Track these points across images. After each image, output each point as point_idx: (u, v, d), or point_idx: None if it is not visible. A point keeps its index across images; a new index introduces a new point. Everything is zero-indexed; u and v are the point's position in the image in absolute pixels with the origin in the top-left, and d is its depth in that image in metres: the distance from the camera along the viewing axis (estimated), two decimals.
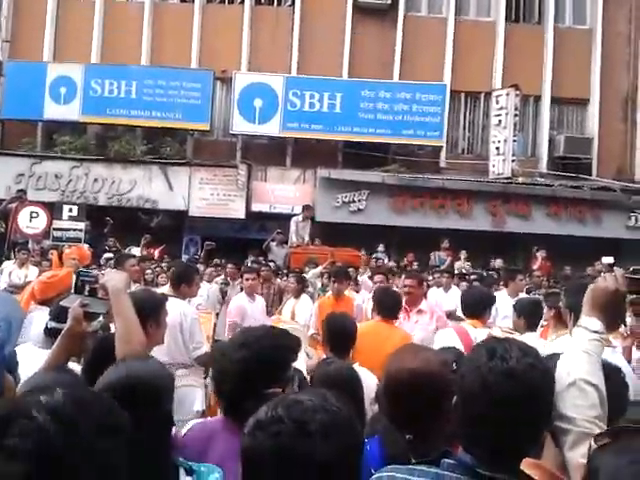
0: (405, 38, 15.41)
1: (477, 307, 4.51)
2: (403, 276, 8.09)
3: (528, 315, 4.44)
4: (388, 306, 4.57)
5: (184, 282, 4.68)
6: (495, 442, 1.42)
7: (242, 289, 7.20)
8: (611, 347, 3.30)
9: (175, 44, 15.57)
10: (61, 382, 1.88)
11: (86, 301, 2.16)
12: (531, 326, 4.36)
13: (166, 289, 5.17)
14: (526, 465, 1.36)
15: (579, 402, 1.61)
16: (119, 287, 2.10)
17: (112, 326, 3.33)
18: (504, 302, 6.33)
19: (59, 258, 8.61)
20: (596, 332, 1.77)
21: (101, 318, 2.84)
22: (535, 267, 11.51)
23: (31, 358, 2.42)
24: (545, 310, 4.49)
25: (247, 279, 6.69)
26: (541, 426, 1.50)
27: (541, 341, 3.78)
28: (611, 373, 1.84)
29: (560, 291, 4.13)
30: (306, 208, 12.73)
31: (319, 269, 9.21)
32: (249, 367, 1.86)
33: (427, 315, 5.45)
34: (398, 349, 2.08)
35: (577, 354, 1.72)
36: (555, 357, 1.79)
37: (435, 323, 5.35)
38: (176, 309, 3.99)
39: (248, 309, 6.39)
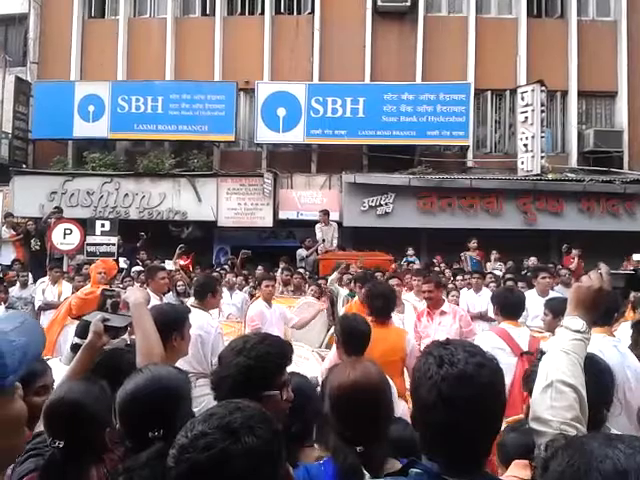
0: (426, 39, 15.36)
1: (515, 309, 4.46)
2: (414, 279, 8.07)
3: (561, 315, 4.35)
4: (378, 307, 4.54)
5: (209, 292, 4.72)
6: (457, 447, 1.41)
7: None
8: (613, 340, 3.24)
9: (198, 58, 15.80)
10: (89, 391, 1.94)
11: (107, 316, 2.23)
12: None
13: (191, 300, 5.24)
14: (517, 467, 1.35)
15: (556, 404, 1.61)
16: (140, 302, 2.18)
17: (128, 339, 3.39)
18: (534, 302, 6.23)
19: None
20: (578, 331, 1.77)
21: (126, 336, 2.90)
22: (572, 267, 11.17)
23: (56, 374, 2.46)
24: None
25: (267, 286, 6.69)
26: (499, 422, 1.49)
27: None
28: (591, 365, 1.83)
29: None
30: (322, 213, 12.76)
31: (335, 275, 9.22)
32: (245, 372, 1.93)
33: (450, 316, 5.43)
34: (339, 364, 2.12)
35: (556, 355, 1.71)
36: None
37: (458, 323, 5.32)
38: (199, 321, 4.03)
39: (267, 315, 6.40)
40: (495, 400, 1.46)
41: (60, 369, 2.54)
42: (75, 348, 2.46)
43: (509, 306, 4.43)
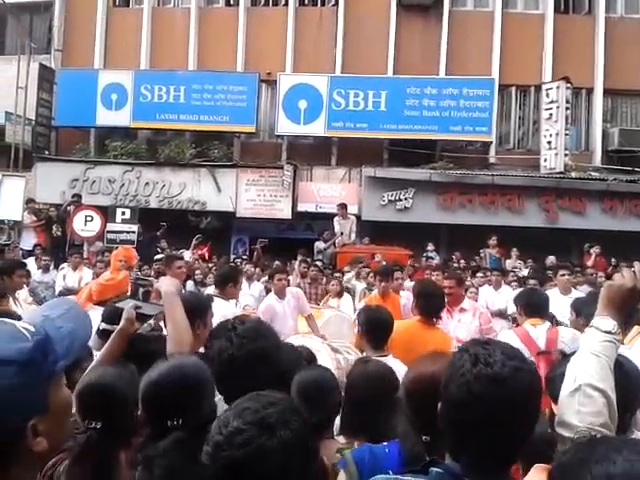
0: (451, 33, 15.20)
1: (539, 308, 4.41)
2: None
3: (588, 314, 4.29)
4: (429, 306, 4.42)
5: (231, 282, 4.72)
6: (482, 449, 1.38)
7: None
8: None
9: (221, 48, 15.80)
10: (122, 376, 1.94)
11: (139, 304, 2.28)
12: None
13: (212, 290, 5.23)
14: (537, 470, 1.32)
15: (583, 409, 1.55)
16: (172, 291, 2.23)
17: (162, 327, 3.41)
18: (556, 300, 6.14)
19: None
20: (608, 332, 1.70)
21: (151, 321, 2.98)
22: (589, 264, 11.13)
23: None
24: None
25: (279, 279, 6.63)
26: (529, 430, 1.44)
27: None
28: (616, 368, 1.75)
29: None
30: (340, 207, 12.72)
31: (352, 273, 9.17)
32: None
33: (470, 313, 5.38)
34: (422, 355, 2.07)
35: (585, 357, 1.65)
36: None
37: (478, 320, 5.28)
38: (219, 311, 4.03)
39: (278, 309, 6.37)
40: (528, 405, 1.41)
41: None
42: (102, 333, 2.48)
43: (532, 305, 4.37)
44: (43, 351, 0.96)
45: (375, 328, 3.63)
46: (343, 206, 12.79)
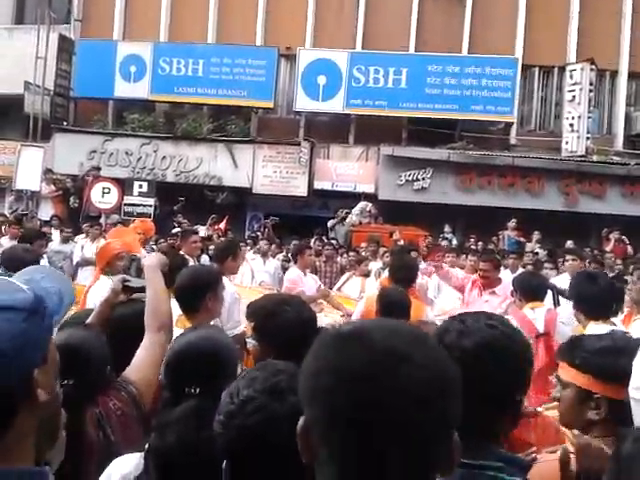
0: (475, 11, 14.90)
1: (540, 290, 4.40)
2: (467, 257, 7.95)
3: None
4: (401, 276, 4.56)
5: (230, 255, 4.68)
6: (463, 420, 1.33)
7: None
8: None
9: (241, 21, 15.63)
10: (86, 337, 1.99)
11: (127, 278, 2.48)
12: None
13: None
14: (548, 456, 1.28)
15: None
16: (153, 264, 2.38)
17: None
18: (564, 285, 6.08)
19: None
20: None
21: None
22: (608, 249, 11.00)
23: None
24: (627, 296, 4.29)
25: (309, 255, 6.66)
26: (510, 395, 1.37)
27: (622, 328, 3.59)
28: None
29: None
30: (375, 206, 12.75)
31: (379, 264, 9.00)
32: None
33: (499, 299, 5.37)
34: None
35: None
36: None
37: (505, 308, 5.26)
38: None
39: (304, 282, 6.39)
40: (505, 365, 1.35)
41: None
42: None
43: (531, 290, 4.37)
44: (41, 302, 1.00)
45: (390, 309, 3.61)
46: (376, 208, 12.85)
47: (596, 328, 3.81)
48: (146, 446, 1.56)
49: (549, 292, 5.36)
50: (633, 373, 1.50)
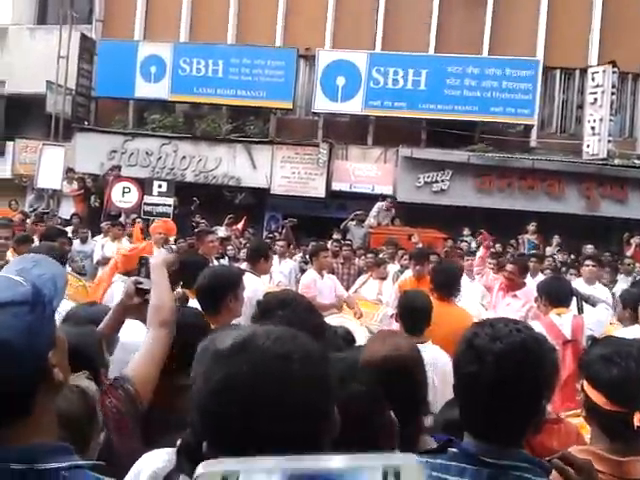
0: (495, 11, 14.79)
1: (563, 297, 4.34)
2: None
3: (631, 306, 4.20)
4: (442, 284, 4.47)
5: (263, 257, 4.73)
6: (490, 421, 1.38)
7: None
8: None
9: (260, 22, 15.67)
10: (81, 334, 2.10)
11: (140, 279, 2.43)
12: (637, 318, 4.11)
13: (244, 265, 5.25)
14: (576, 451, 1.30)
15: None
16: (158, 263, 2.37)
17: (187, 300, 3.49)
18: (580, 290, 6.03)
19: (141, 231, 8.98)
20: None
21: (179, 289, 3.26)
22: (629, 254, 10.87)
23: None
24: None
25: (325, 257, 6.65)
26: (538, 399, 1.41)
27: None
28: None
29: None
30: (389, 202, 12.70)
31: (397, 267, 8.92)
32: None
33: (521, 302, 5.35)
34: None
35: None
36: None
37: (525, 312, 5.22)
38: (250, 286, 4.03)
39: (318, 285, 6.38)
40: (533, 370, 1.39)
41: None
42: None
43: (556, 295, 4.30)
44: (40, 292, 1.05)
45: (411, 314, 3.56)
46: (393, 202, 12.79)
47: (626, 332, 3.78)
48: (178, 442, 1.56)
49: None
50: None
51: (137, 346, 2.16)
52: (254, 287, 4.23)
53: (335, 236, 10.96)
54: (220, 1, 15.87)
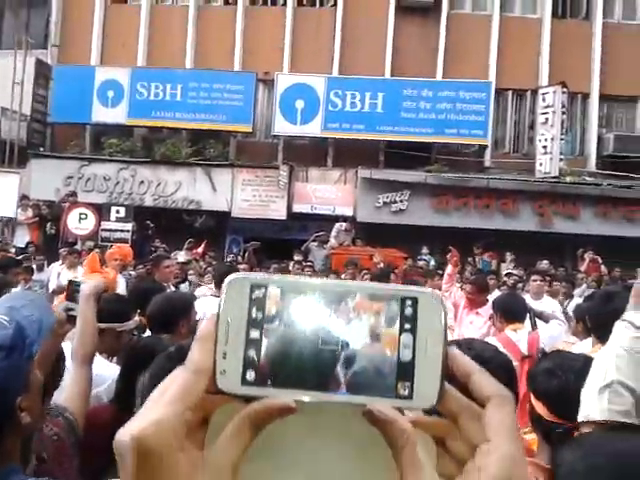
0: (449, 36, 15.22)
1: (520, 311, 4.43)
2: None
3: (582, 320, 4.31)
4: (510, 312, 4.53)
5: None
6: None
7: None
8: None
9: (219, 47, 15.76)
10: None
11: (71, 306, 2.40)
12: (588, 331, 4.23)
13: (205, 289, 5.24)
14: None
15: (612, 407, 1.51)
16: (87, 293, 2.36)
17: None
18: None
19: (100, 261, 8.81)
20: None
21: (137, 318, 3.16)
22: (582, 269, 11.19)
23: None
24: None
25: None
26: None
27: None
28: None
29: None
30: (349, 223, 12.83)
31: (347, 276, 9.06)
32: None
33: (483, 319, 5.46)
34: None
35: (617, 352, 1.58)
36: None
37: (487, 329, 5.33)
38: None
39: None
40: (511, 386, 1.42)
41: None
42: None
43: (511, 311, 4.39)
44: (21, 336, 1.05)
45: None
46: (352, 223, 12.92)
47: (582, 345, 3.89)
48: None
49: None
50: (582, 405, 1.55)
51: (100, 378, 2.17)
52: None
53: (296, 257, 10.98)
54: (178, 26, 15.92)
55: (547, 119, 14.42)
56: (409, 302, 0.46)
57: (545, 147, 14.36)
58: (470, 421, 0.45)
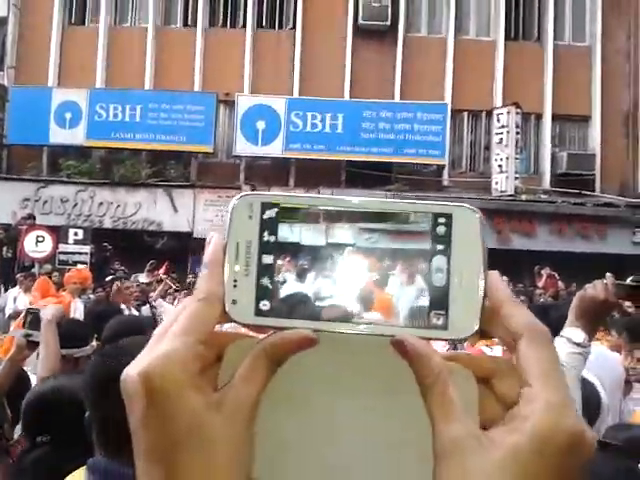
0: (405, 58, 15.55)
1: None
2: None
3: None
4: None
5: None
6: None
7: None
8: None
9: (178, 68, 15.77)
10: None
11: (29, 332, 2.45)
12: None
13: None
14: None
15: None
16: (48, 319, 2.43)
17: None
18: None
19: (53, 284, 8.64)
20: (579, 345, 1.69)
21: (94, 343, 3.22)
22: (540, 285, 11.46)
23: None
24: None
25: None
26: None
27: None
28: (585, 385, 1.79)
29: None
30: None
31: None
32: None
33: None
34: None
35: None
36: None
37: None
38: None
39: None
40: None
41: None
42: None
43: None
44: None
45: None
46: None
47: None
48: None
49: None
50: None
51: None
52: None
53: None
54: (137, 47, 15.87)
55: (502, 139, 14.80)
56: (442, 219, 0.41)
57: (500, 166, 14.72)
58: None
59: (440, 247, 0.40)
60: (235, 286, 0.40)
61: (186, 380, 0.38)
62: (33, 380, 2.56)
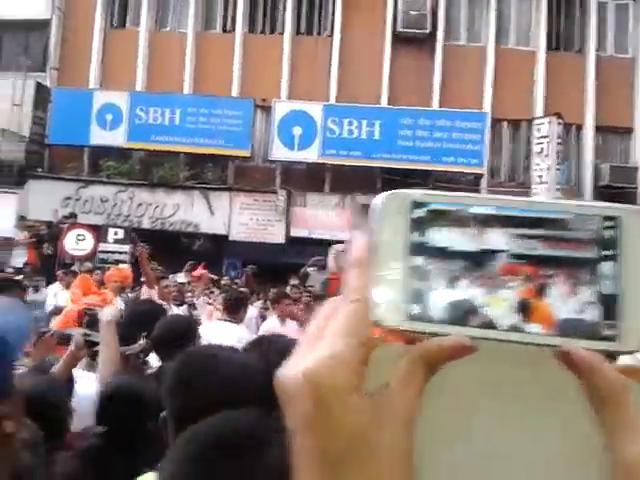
0: (444, 66, 15.48)
1: None
2: None
3: None
4: None
5: (243, 306, 4.82)
6: None
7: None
8: None
9: (217, 73, 15.93)
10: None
11: (88, 332, 2.58)
12: None
13: (218, 314, 5.25)
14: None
15: None
16: (107, 320, 2.50)
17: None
18: None
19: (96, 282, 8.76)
20: None
21: (142, 341, 3.21)
22: None
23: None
24: None
25: (287, 304, 6.71)
26: None
27: None
28: None
29: None
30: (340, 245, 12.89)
31: None
32: None
33: None
34: None
35: None
36: None
37: None
38: (238, 333, 4.07)
39: (281, 332, 6.39)
40: None
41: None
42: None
43: None
44: (3, 342, 1.05)
45: None
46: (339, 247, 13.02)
47: None
48: None
49: None
50: None
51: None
52: (238, 335, 4.28)
53: (292, 282, 10.96)
54: (176, 52, 16.09)
55: (542, 149, 14.61)
56: (609, 222, 0.38)
57: (540, 176, 14.53)
58: None
59: (608, 252, 0.38)
60: (382, 288, 0.38)
61: (353, 383, 0.36)
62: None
